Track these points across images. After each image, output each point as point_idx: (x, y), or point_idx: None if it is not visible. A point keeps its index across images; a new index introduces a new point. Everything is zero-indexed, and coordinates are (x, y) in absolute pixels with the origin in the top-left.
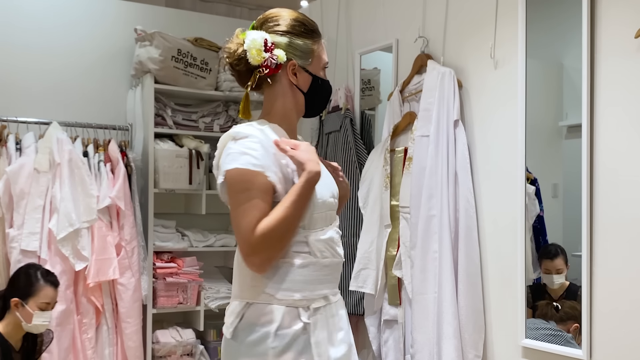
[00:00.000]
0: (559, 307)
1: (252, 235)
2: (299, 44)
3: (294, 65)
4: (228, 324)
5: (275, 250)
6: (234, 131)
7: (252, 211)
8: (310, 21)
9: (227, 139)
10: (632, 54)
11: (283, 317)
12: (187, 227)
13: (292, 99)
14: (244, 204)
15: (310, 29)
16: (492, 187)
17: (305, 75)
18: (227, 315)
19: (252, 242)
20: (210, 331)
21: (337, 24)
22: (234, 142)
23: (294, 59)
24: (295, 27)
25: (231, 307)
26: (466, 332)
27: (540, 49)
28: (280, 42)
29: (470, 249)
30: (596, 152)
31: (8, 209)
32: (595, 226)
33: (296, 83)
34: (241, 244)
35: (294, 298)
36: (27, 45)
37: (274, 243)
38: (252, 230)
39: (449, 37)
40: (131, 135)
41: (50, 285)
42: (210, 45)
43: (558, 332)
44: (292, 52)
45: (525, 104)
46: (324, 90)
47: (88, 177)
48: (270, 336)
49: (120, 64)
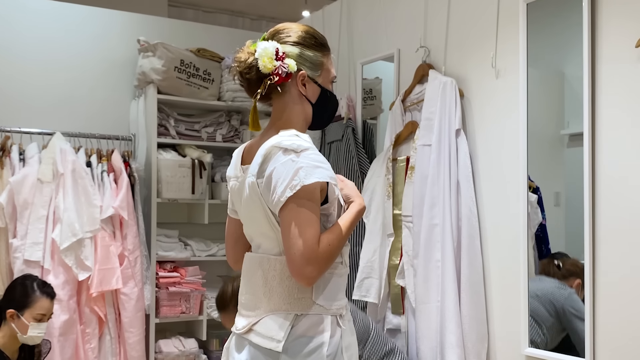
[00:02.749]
0: (560, 265)
1: (316, 248)
2: (309, 55)
3: (304, 75)
4: (277, 338)
5: (329, 265)
6: (292, 143)
7: (315, 225)
8: (320, 35)
9: (274, 150)
10: (632, 63)
11: (332, 326)
12: (190, 236)
13: (300, 109)
14: (309, 216)
15: (320, 42)
16: (494, 196)
17: (315, 87)
18: (266, 329)
19: (317, 254)
20: (213, 340)
21: (339, 34)
22: (297, 155)
23: (304, 69)
24: (306, 39)
25: (270, 322)
26: (469, 341)
27: (542, 58)
28: (292, 52)
29: (473, 258)
30: (598, 161)
31: (11, 219)
32: (598, 234)
33: (305, 94)
34: (302, 256)
35: (337, 306)
36: (30, 56)
37: (331, 258)
38: (317, 243)
39: (451, 47)
40: (134, 145)
41: (47, 297)
42: (212, 56)
43: (562, 286)
44: (303, 62)
45: (527, 112)
46: (332, 104)
47: (91, 187)
48: (325, 345)
49: (123, 75)
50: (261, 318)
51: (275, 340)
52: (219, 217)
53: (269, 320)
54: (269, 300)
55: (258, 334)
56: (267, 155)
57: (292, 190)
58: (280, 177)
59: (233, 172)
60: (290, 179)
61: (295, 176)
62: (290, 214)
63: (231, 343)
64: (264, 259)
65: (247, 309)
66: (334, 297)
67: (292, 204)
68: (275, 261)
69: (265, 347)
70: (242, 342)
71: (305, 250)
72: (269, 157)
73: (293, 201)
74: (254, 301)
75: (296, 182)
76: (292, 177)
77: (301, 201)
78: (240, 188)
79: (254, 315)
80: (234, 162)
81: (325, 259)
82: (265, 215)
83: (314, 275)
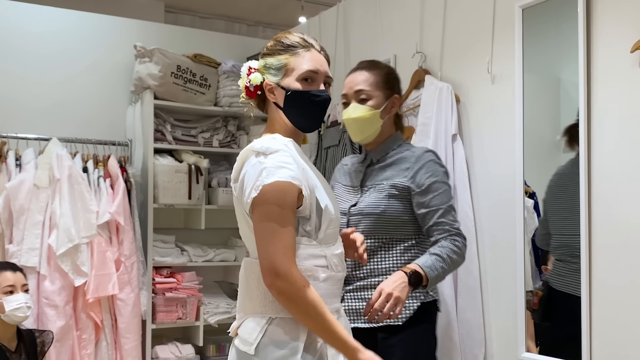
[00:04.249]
0: None
1: (285, 263)
2: (271, 62)
3: (267, 84)
4: (249, 341)
5: (300, 291)
6: (262, 146)
7: (288, 236)
8: (293, 37)
9: (249, 153)
10: (628, 68)
11: (309, 331)
12: (187, 242)
13: (278, 116)
14: (280, 224)
15: (287, 44)
16: (490, 201)
17: (280, 91)
18: (244, 332)
19: (283, 270)
20: (210, 346)
21: (335, 40)
22: (265, 157)
23: (267, 78)
24: (271, 47)
25: (249, 324)
26: (466, 346)
27: (537, 64)
28: (259, 65)
29: (470, 263)
30: (594, 166)
31: (8, 224)
32: (594, 239)
33: (274, 100)
34: (270, 270)
35: None
36: (26, 61)
37: (294, 294)
38: (286, 256)
39: (447, 52)
40: (131, 151)
41: (6, 270)
42: (209, 61)
43: None
44: (267, 71)
45: (523, 118)
46: (303, 99)
47: (88, 193)
48: (298, 352)
49: (120, 81)
50: (243, 321)
51: (248, 343)
52: (215, 222)
53: (247, 323)
54: (249, 302)
55: (239, 337)
56: (243, 159)
57: (256, 190)
58: (250, 179)
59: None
60: (255, 180)
61: (259, 177)
62: (259, 221)
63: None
64: (248, 262)
65: (238, 312)
66: None
67: (260, 208)
68: (254, 264)
69: (241, 349)
70: (232, 344)
71: (274, 260)
72: (243, 161)
73: (260, 205)
74: (241, 304)
75: (259, 183)
76: (256, 178)
77: (269, 207)
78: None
79: (239, 318)
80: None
81: (290, 289)
82: (245, 219)
83: (286, 290)
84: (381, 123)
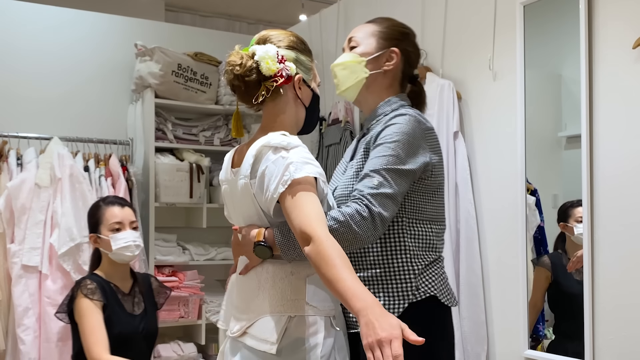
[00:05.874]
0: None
1: (322, 216)
2: (303, 60)
3: (300, 79)
4: (271, 340)
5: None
6: (281, 141)
7: (316, 201)
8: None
9: (264, 149)
10: (630, 64)
11: (325, 327)
12: (188, 240)
13: (294, 113)
14: (308, 196)
15: (308, 47)
16: (492, 198)
17: (308, 90)
18: (261, 332)
19: (323, 222)
20: (212, 345)
21: (337, 37)
22: (287, 152)
23: (300, 72)
24: (298, 44)
25: (266, 324)
26: (469, 343)
27: (539, 61)
28: (289, 55)
29: (472, 260)
30: (596, 162)
31: (9, 224)
32: (596, 236)
33: (300, 97)
34: (309, 224)
35: (331, 308)
36: (27, 60)
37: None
38: (322, 213)
39: (448, 50)
40: (132, 150)
41: (112, 205)
42: (210, 60)
43: None
44: (299, 66)
45: (525, 115)
46: (318, 108)
47: (89, 192)
48: (319, 347)
49: (120, 79)
50: (255, 321)
51: (269, 342)
52: (217, 221)
53: (263, 323)
54: (263, 302)
55: (252, 337)
56: (257, 155)
57: (284, 185)
58: (273, 174)
59: (224, 176)
60: (281, 175)
61: (285, 171)
62: (289, 204)
63: (226, 347)
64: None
65: (241, 312)
66: (327, 298)
67: (288, 196)
68: (267, 263)
69: (260, 349)
70: (237, 346)
71: (311, 217)
72: (260, 157)
73: (288, 193)
74: (248, 304)
75: (287, 177)
76: (282, 173)
77: (296, 188)
78: (232, 191)
79: (247, 319)
80: (225, 166)
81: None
82: (258, 217)
83: (327, 233)
84: (366, 75)
